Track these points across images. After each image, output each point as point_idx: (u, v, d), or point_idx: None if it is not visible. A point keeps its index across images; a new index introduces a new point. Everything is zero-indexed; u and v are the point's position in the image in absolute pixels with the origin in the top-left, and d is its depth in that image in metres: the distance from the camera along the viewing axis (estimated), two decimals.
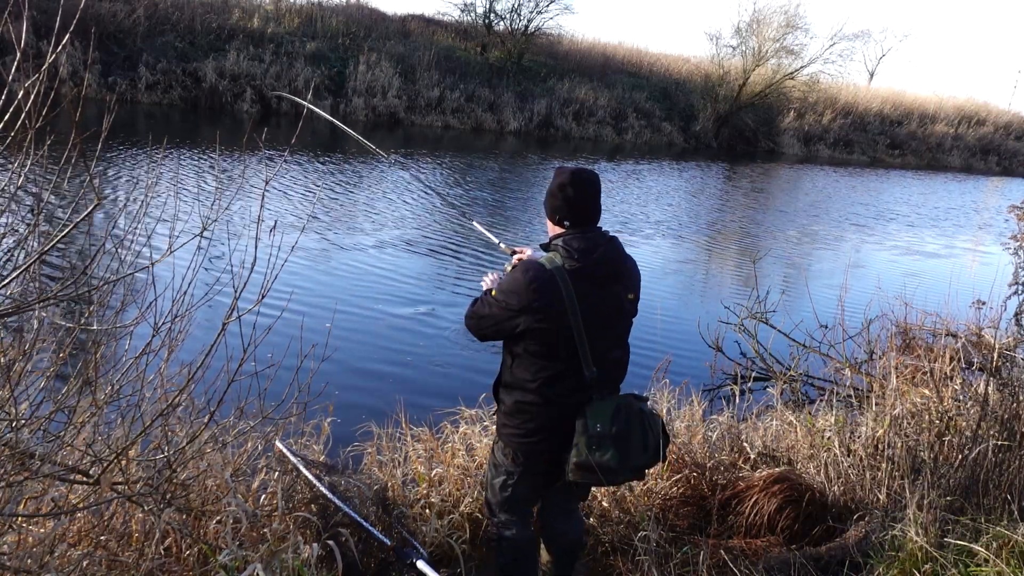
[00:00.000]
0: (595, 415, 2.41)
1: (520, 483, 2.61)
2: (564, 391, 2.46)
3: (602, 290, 2.44)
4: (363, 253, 8.75)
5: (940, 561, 2.65)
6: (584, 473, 2.42)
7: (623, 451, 2.41)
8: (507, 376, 2.54)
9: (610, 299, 2.46)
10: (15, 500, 2.16)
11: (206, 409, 2.48)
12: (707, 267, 10.68)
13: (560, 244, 2.45)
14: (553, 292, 2.36)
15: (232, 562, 2.40)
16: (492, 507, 2.70)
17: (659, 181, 17.82)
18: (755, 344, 6.22)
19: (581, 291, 2.38)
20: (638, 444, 2.45)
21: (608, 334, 2.49)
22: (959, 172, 30.43)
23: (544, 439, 2.50)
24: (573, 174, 2.46)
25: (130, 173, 10.99)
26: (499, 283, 2.49)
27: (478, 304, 2.53)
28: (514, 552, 2.69)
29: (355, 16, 24.52)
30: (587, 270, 2.40)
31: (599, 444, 2.38)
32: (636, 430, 2.45)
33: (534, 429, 2.50)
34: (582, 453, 2.40)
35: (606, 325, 2.47)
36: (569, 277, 2.37)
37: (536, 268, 2.40)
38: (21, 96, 1.77)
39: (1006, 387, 3.52)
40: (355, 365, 5.57)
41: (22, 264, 1.94)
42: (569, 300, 2.36)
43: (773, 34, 27.98)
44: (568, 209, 2.46)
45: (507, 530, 2.67)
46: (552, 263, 2.40)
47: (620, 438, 2.41)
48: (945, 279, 7.69)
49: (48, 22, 15.67)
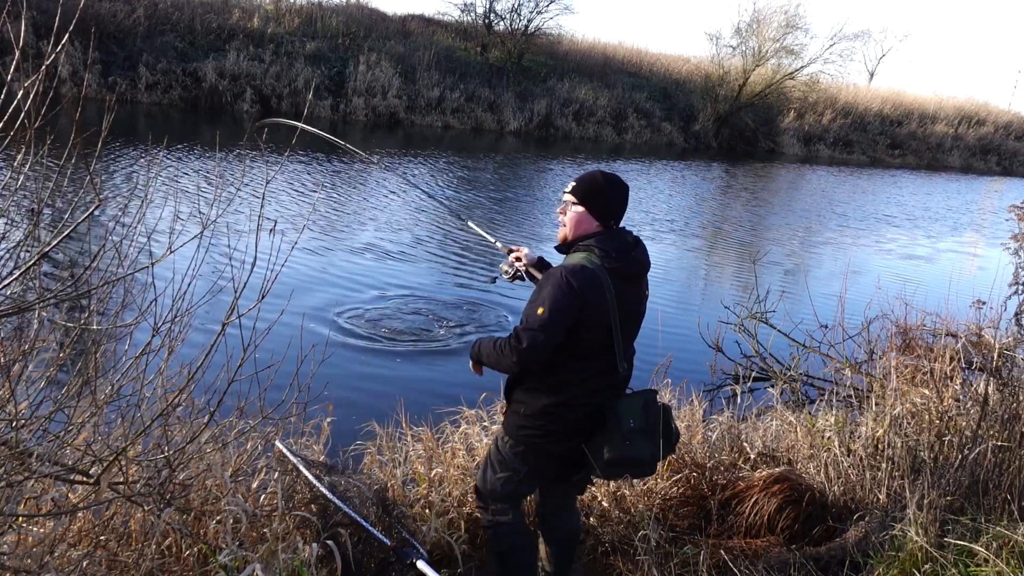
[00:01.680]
0: (627, 411, 2.47)
1: (525, 481, 2.66)
2: (592, 391, 2.50)
3: (633, 289, 2.52)
4: (363, 253, 8.75)
5: (940, 561, 2.65)
6: (619, 467, 2.49)
7: (654, 444, 2.50)
8: (532, 381, 2.52)
9: (636, 295, 2.54)
10: (15, 500, 2.16)
11: (206, 409, 2.48)
12: (707, 267, 10.68)
13: (594, 244, 2.46)
14: (601, 292, 2.40)
15: (232, 562, 2.40)
16: (485, 497, 2.72)
17: (659, 181, 17.82)
18: (755, 344, 6.22)
19: (618, 289, 2.44)
20: (663, 437, 2.53)
21: (633, 330, 2.59)
22: (959, 172, 30.43)
23: (562, 440, 2.54)
24: (613, 177, 2.53)
25: (130, 173, 10.99)
26: (537, 300, 2.40)
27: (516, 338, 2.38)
28: (511, 536, 2.71)
29: (355, 16, 24.50)
30: (624, 270, 2.46)
31: (633, 439, 2.44)
32: (662, 423, 2.54)
33: (555, 431, 2.52)
34: (617, 448, 2.44)
35: (634, 322, 2.56)
36: (608, 276, 2.42)
37: (581, 269, 2.40)
38: (21, 96, 1.77)
39: (1006, 387, 3.52)
40: (355, 365, 5.57)
41: (22, 264, 1.94)
42: (611, 299, 2.42)
43: (773, 34, 28.00)
44: (616, 210, 2.53)
45: (503, 516, 2.69)
46: (591, 263, 2.43)
47: (651, 431, 2.50)
48: (945, 279, 7.69)
49: (48, 22, 15.67)
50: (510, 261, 2.99)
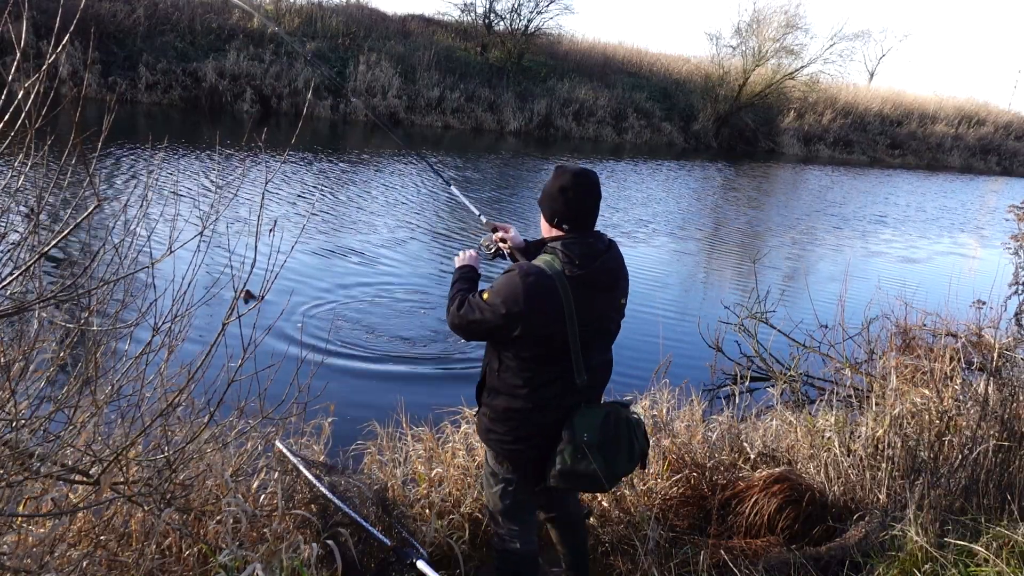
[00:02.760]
0: (583, 425, 2.37)
1: (519, 488, 2.56)
2: (554, 396, 2.40)
3: (599, 297, 2.39)
4: (363, 252, 8.75)
5: (940, 561, 2.65)
6: (566, 480, 2.39)
7: (609, 461, 2.38)
8: (494, 381, 2.45)
9: (606, 306, 2.42)
10: (15, 500, 2.16)
11: (206, 409, 2.48)
12: (707, 267, 10.68)
13: (559, 248, 2.36)
14: (553, 300, 2.29)
15: (232, 562, 2.40)
16: (495, 517, 2.64)
17: (659, 181, 17.82)
18: (755, 344, 6.22)
19: (579, 298, 2.31)
20: (624, 453, 2.43)
21: (600, 340, 2.46)
22: (959, 172, 30.42)
23: (533, 446, 2.45)
24: (575, 176, 2.36)
25: (130, 173, 10.99)
26: (493, 287, 2.36)
27: (466, 307, 2.38)
28: (518, 564, 2.63)
29: (355, 16, 24.50)
30: (587, 277, 2.33)
31: (585, 454, 2.34)
32: (623, 439, 2.43)
33: (523, 436, 2.44)
34: (567, 462, 2.36)
35: (599, 331, 2.43)
36: (569, 284, 2.30)
37: (536, 274, 2.30)
38: (21, 96, 1.77)
39: (1006, 387, 3.52)
40: (356, 365, 5.57)
41: (22, 264, 1.94)
42: (568, 307, 2.29)
43: (773, 34, 27.99)
44: (568, 213, 2.37)
45: (512, 543, 2.60)
46: (551, 268, 2.32)
47: (607, 448, 2.38)
48: (945, 279, 7.69)
49: (48, 22, 15.67)
50: (492, 238, 2.83)
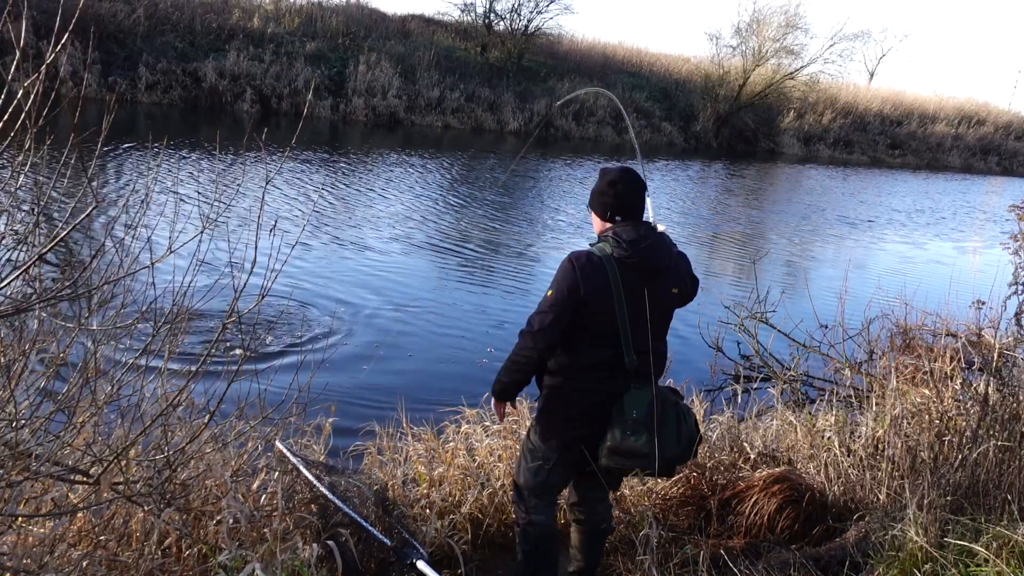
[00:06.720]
0: (632, 403, 2.50)
1: (555, 469, 2.68)
2: (603, 378, 2.54)
3: (648, 281, 2.52)
4: (363, 252, 8.75)
5: (940, 561, 2.65)
6: (618, 457, 2.51)
7: (656, 439, 2.49)
8: (550, 363, 2.60)
9: (655, 291, 2.54)
10: (15, 500, 2.16)
11: (206, 409, 2.48)
12: (707, 267, 10.67)
13: (610, 235, 2.55)
14: (600, 278, 2.46)
15: (232, 562, 2.40)
16: (522, 492, 2.75)
17: (659, 181, 17.81)
18: (755, 344, 6.22)
19: (628, 280, 2.48)
20: (671, 434, 2.53)
21: (652, 326, 2.57)
22: (959, 172, 30.42)
23: (582, 425, 2.58)
24: (622, 171, 2.62)
25: (130, 173, 10.99)
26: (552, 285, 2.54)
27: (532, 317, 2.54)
28: (539, 539, 2.74)
29: (355, 16, 24.50)
30: (634, 260, 2.49)
31: (634, 430, 2.47)
32: (671, 421, 2.54)
33: (573, 415, 2.59)
34: (617, 438, 2.48)
35: (652, 317, 2.55)
36: (617, 265, 2.47)
37: (584, 255, 2.50)
38: (21, 96, 1.77)
39: (1006, 387, 3.52)
40: (356, 364, 5.56)
41: (22, 264, 1.94)
42: (615, 287, 2.46)
43: (773, 34, 28.00)
44: (619, 204, 2.58)
45: (537, 515, 2.72)
46: (601, 251, 2.51)
47: (657, 425, 2.50)
48: (945, 279, 7.68)
49: (48, 22, 15.66)
50: None
